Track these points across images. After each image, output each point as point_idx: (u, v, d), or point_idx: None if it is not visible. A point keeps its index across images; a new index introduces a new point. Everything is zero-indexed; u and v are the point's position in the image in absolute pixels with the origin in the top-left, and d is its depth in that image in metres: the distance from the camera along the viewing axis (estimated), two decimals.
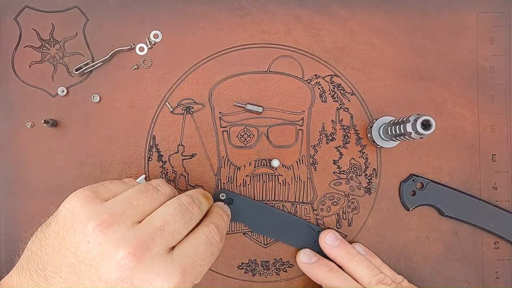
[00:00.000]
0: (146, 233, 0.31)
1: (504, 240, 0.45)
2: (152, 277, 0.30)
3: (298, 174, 0.45)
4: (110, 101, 0.44)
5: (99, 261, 0.29)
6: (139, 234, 0.30)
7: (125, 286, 0.29)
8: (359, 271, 0.41)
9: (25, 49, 0.44)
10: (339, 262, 0.42)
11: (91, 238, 0.30)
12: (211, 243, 0.34)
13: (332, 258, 0.42)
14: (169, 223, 0.32)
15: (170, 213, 0.33)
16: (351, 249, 0.42)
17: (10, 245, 0.43)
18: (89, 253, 0.30)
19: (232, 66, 0.45)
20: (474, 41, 0.46)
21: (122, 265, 0.29)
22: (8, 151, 0.44)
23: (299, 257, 0.43)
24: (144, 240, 0.30)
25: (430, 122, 0.35)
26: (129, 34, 0.45)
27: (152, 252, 0.30)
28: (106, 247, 0.29)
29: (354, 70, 0.46)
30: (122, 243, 0.30)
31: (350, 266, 0.41)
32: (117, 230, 0.30)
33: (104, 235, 0.30)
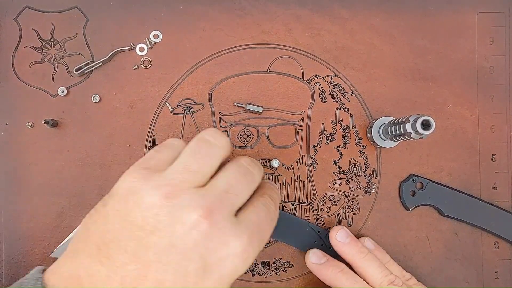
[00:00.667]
0: (213, 195, 0.30)
1: (504, 240, 0.45)
2: (225, 239, 0.29)
3: (298, 174, 0.45)
4: (110, 101, 0.45)
5: (171, 229, 0.28)
6: (207, 198, 0.30)
7: (200, 251, 0.28)
8: (370, 270, 0.40)
9: (25, 49, 0.44)
10: (349, 260, 0.41)
11: (159, 210, 0.29)
12: (269, 211, 0.34)
13: (342, 255, 0.42)
14: (233, 185, 0.31)
15: (233, 175, 0.32)
16: (362, 247, 0.41)
17: (10, 245, 0.43)
18: (159, 224, 0.28)
19: (232, 66, 0.45)
20: (474, 41, 0.46)
21: (196, 228, 0.28)
22: (8, 151, 0.44)
23: (308, 257, 0.42)
24: (213, 203, 0.29)
25: (430, 122, 0.35)
26: (129, 34, 0.45)
27: (222, 214, 0.29)
28: (177, 215, 0.29)
29: (354, 70, 0.46)
30: (192, 208, 0.29)
31: (361, 264, 0.40)
32: (184, 197, 0.29)
33: (172, 205, 0.29)
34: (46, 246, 0.43)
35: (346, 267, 0.41)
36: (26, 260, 0.43)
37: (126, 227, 0.29)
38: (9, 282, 0.43)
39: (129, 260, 0.28)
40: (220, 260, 0.29)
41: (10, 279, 0.43)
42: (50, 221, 0.44)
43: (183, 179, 0.30)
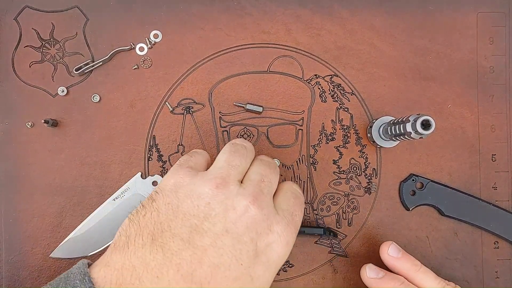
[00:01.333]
0: (254, 186, 0.34)
1: (504, 240, 0.45)
2: (270, 224, 0.32)
3: (298, 174, 0.45)
4: (110, 101, 0.45)
5: (224, 215, 0.31)
6: (250, 188, 0.33)
7: (251, 234, 0.31)
8: (428, 283, 0.39)
9: (25, 49, 0.44)
10: (403, 274, 0.40)
11: (211, 199, 0.32)
12: (297, 196, 0.37)
13: (395, 269, 0.41)
14: (265, 175, 0.35)
15: (261, 168, 0.36)
16: (415, 260, 0.41)
17: (10, 245, 0.43)
18: (212, 211, 0.31)
19: (232, 66, 0.45)
20: (474, 41, 0.46)
21: (247, 213, 0.31)
22: (8, 151, 0.44)
23: (365, 272, 0.41)
24: (256, 192, 0.33)
25: (430, 122, 0.35)
26: (129, 34, 0.45)
27: (265, 200, 0.33)
28: (228, 203, 0.32)
29: (354, 70, 0.46)
30: (241, 196, 0.32)
31: (417, 278, 0.40)
32: (231, 188, 0.33)
33: (223, 194, 0.32)
34: (46, 246, 0.43)
35: (405, 280, 0.40)
36: (26, 260, 0.43)
37: (179, 217, 0.31)
38: (9, 282, 0.43)
39: (184, 246, 0.30)
40: (267, 245, 0.32)
41: (10, 279, 0.43)
42: (50, 221, 0.44)
43: (228, 172, 0.34)
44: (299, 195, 0.37)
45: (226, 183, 0.33)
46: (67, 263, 0.43)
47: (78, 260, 0.43)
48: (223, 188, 0.32)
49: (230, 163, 0.35)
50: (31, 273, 0.43)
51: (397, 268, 0.41)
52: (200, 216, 0.31)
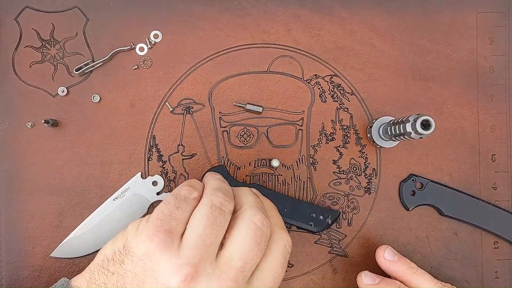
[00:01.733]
0: (229, 278, 0.30)
1: (503, 240, 0.45)
2: None
3: (298, 174, 0.45)
4: (110, 101, 0.45)
5: None
6: (224, 281, 0.30)
7: None
8: (424, 285, 0.39)
9: (25, 49, 0.44)
10: (399, 277, 0.41)
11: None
12: (286, 259, 0.34)
13: (391, 273, 0.41)
14: (248, 260, 0.31)
15: (247, 247, 0.31)
16: (411, 263, 0.41)
17: (10, 245, 0.43)
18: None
19: (232, 66, 0.45)
20: (474, 41, 0.46)
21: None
22: (8, 151, 0.44)
23: (361, 279, 0.41)
24: (228, 285, 0.30)
25: (429, 122, 0.35)
26: (129, 34, 0.45)
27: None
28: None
29: (354, 70, 0.46)
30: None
31: (414, 280, 0.40)
32: (201, 281, 0.30)
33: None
34: (46, 246, 0.43)
35: (401, 284, 0.40)
36: (26, 260, 0.43)
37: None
38: (9, 282, 0.43)
39: None
40: None
41: (10, 279, 0.43)
42: (50, 221, 0.44)
43: (201, 257, 0.30)
44: (287, 257, 0.34)
45: (195, 274, 0.30)
46: (67, 263, 0.43)
47: (78, 260, 0.43)
48: (191, 282, 0.29)
49: (205, 241, 0.31)
50: (31, 273, 0.43)
51: (393, 271, 0.41)
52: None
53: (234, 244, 0.32)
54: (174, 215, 0.32)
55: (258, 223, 0.32)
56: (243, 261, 0.31)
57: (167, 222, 0.31)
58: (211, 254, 0.31)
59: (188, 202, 0.33)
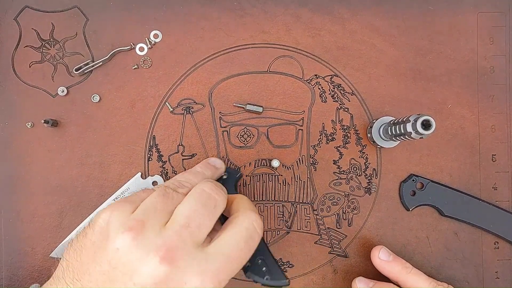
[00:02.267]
0: (173, 234, 0.31)
1: (504, 240, 0.45)
2: (186, 278, 0.30)
3: (298, 174, 0.45)
4: (110, 101, 0.45)
5: (131, 267, 0.30)
6: (167, 237, 0.31)
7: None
8: (419, 284, 0.40)
9: (25, 49, 0.44)
10: (394, 277, 0.41)
11: (121, 245, 0.30)
12: (252, 238, 0.33)
13: (387, 273, 0.41)
14: (193, 217, 0.32)
15: (192, 207, 0.33)
16: (406, 263, 0.41)
17: (10, 245, 0.43)
18: (121, 259, 0.30)
19: (232, 66, 0.45)
20: (474, 41, 0.46)
21: (155, 270, 0.29)
22: (8, 151, 0.44)
23: (355, 285, 0.42)
24: (172, 242, 0.30)
25: (430, 122, 0.35)
26: (129, 34, 0.45)
27: (182, 252, 0.30)
28: (137, 254, 0.30)
29: (354, 70, 0.46)
30: (152, 248, 0.30)
31: (409, 280, 0.40)
32: (145, 236, 0.31)
33: (134, 241, 0.30)
34: (46, 246, 0.43)
35: (396, 286, 0.41)
36: (26, 260, 0.43)
37: (96, 260, 0.31)
38: (9, 282, 0.43)
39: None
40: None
41: (10, 279, 0.43)
42: (50, 221, 0.44)
43: (148, 216, 0.32)
44: (255, 237, 0.33)
45: (141, 229, 0.31)
46: None
47: None
48: (136, 234, 0.30)
49: (154, 205, 0.33)
50: (31, 273, 0.43)
51: (388, 271, 0.41)
52: (111, 263, 0.30)
53: (180, 206, 0.33)
54: (138, 195, 0.35)
55: (206, 189, 0.34)
56: (187, 218, 0.32)
57: (131, 197, 0.34)
58: (161, 218, 0.32)
59: (153, 190, 0.36)
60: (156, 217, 0.32)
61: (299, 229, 0.45)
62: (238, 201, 0.37)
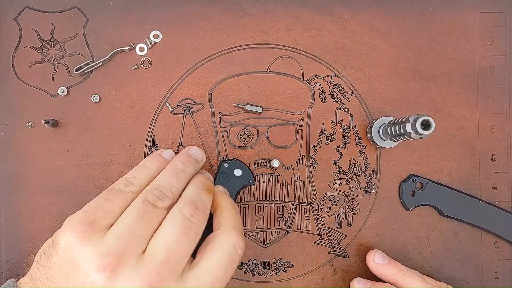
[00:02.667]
0: (152, 270, 0.29)
1: (504, 240, 0.45)
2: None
3: (298, 174, 0.45)
4: (110, 101, 0.45)
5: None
6: (146, 273, 0.29)
7: None
8: (415, 285, 0.40)
9: (25, 49, 0.44)
10: (391, 280, 0.41)
11: (96, 281, 0.28)
12: (234, 261, 0.32)
13: (382, 276, 0.42)
14: (174, 250, 0.30)
15: (173, 238, 0.30)
16: (401, 265, 0.42)
17: (10, 245, 0.43)
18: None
19: (232, 66, 0.45)
20: (474, 41, 0.46)
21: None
22: (8, 151, 0.44)
23: (353, 286, 0.42)
24: (152, 280, 0.29)
25: (429, 122, 0.35)
26: (129, 34, 0.45)
27: (163, 285, 0.29)
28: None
29: (354, 70, 0.46)
30: (131, 283, 0.28)
31: (405, 282, 0.40)
32: (123, 273, 0.29)
33: (109, 280, 0.28)
34: None
35: (393, 286, 0.41)
36: (26, 260, 0.43)
37: (67, 285, 0.29)
38: None
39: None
40: None
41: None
42: (50, 221, 0.44)
43: (125, 246, 0.29)
44: (236, 259, 0.32)
45: (117, 265, 0.28)
46: None
47: None
48: (112, 273, 0.28)
49: (132, 231, 0.30)
50: None
51: (384, 274, 0.42)
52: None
53: (159, 235, 0.31)
54: (101, 207, 0.32)
55: (186, 215, 0.32)
56: (168, 251, 0.30)
57: (91, 214, 0.31)
58: (138, 247, 0.30)
59: (122, 194, 0.33)
60: (133, 248, 0.29)
61: (299, 229, 0.45)
62: (221, 213, 0.35)
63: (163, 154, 0.38)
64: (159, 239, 0.31)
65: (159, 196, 0.33)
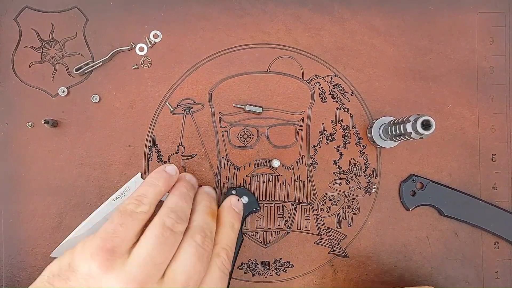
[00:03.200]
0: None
1: (504, 240, 0.45)
2: None
3: (298, 174, 0.45)
4: (110, 101, 0.45)
5: None
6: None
7: None
8: None
9: (25, 50, 0.44)
10: None
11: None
12: (225, 274, 0.35)
13: None
14: (191, 275, 0.32)
15: (190, 263, 0.33)
16: None
17: (10, 245, 0.43)
18: None
19: (232, 66, 0.45)
20: (474, 41, 0.46)
21: None
22: (8, 151, 0.44)
23: None
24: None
25: (430, 122, 0.35)
26: (129, 34, 0.45)
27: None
28: None
29: (354, 70, 0.46)
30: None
31: None
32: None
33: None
34: (46, 246, 0.43)
35: None
36: (26, 260, 0.43)
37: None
38: (9, 282, 0.43)
39: None
40: None
41: (10, 279, 0.43)
42: (50, 221, 0.44)
43: (147, 274, 0.31)
44: (226, 272, 0.36)
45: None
46: None
47: None
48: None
49: (153, 259, 0.32)
50: (31, 274, 0.43)
51: None
52: None
53: (178, 261, 0.33)
54: (117, 233, 0.32)
55: (199, 242, 0.34)
56: (187, 276, 0.32)
57: (110, 241, 0.32)
58: (158, 272, 0.32)
59: (134, 217, 0.34)
60: (154, 273, 0.31)
61: (299, 229, 0.45)
62: (219, 231, 0.38)
63: (167, 170, 0.39)
64: (177, 265, 0.33)
65: (176, 220, 0.34)
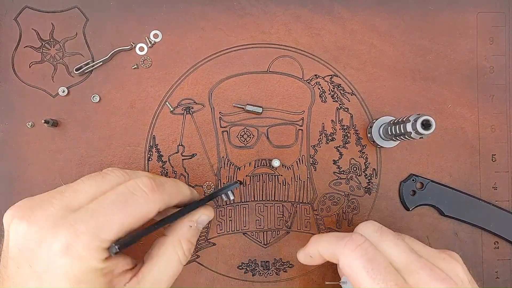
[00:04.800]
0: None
1: (504, 240, 0.45)
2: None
3: (298, 174, 0.45)
4: (110, 101, 0.45)
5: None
6: None
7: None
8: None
9: (25, 49, 0.44)
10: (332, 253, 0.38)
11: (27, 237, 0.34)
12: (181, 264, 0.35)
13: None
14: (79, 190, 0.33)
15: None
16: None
17: None
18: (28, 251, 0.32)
19: (232, 66, 0.45)
20: (474, 41, 0.46)
21: None
22: (8, 151, 0.44)
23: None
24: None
25: (430, 122, 0.35)
26: (129, 34, 0.45)
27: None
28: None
29: (354, 70, 0.46)
30: None
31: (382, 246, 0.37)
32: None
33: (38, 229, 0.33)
34: None
35: None
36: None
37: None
38: None
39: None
40: None
41: None
42: None
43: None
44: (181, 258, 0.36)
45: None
46: None
47: None
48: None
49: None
50: None
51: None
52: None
53: None
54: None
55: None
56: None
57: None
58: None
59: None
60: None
61: (299, 229, 0.45)
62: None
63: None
64: None
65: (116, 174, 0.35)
